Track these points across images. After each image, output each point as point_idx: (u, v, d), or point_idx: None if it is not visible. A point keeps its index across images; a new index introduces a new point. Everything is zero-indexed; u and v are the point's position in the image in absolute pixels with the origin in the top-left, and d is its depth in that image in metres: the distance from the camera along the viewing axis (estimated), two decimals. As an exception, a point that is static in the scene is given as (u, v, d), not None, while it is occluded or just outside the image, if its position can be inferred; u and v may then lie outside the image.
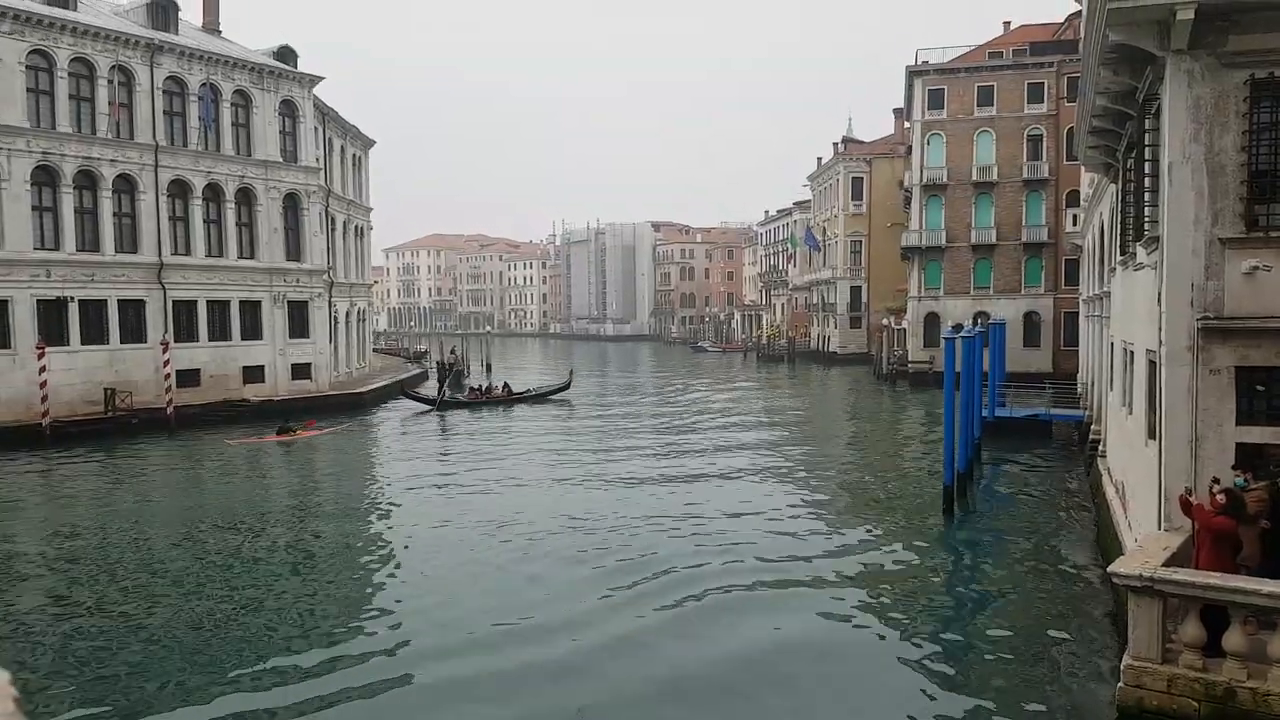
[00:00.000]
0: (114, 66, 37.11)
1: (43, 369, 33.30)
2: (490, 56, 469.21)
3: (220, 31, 45.91)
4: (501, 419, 42.34)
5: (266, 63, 43.39)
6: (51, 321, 35.41)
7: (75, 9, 37.60)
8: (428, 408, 45.13)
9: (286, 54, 45.98)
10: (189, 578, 17.14)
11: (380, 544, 19.76)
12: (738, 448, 32.28)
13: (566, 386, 51.45)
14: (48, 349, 33.79)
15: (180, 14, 42.35)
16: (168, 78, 39.15)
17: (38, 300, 35.01)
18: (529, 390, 50.79)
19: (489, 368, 71.30)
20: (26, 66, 34.80)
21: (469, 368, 69.77)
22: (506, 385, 50.10)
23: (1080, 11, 23.06)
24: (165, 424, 36.02)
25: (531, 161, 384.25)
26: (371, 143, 59.46)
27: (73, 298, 36.02)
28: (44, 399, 33.20)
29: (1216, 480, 10.33)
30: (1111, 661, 11.94)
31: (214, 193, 41.09)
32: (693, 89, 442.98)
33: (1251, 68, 10.69)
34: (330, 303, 47.50)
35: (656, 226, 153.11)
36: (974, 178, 56.31)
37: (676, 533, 19.83)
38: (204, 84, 40.10)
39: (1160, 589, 9.36)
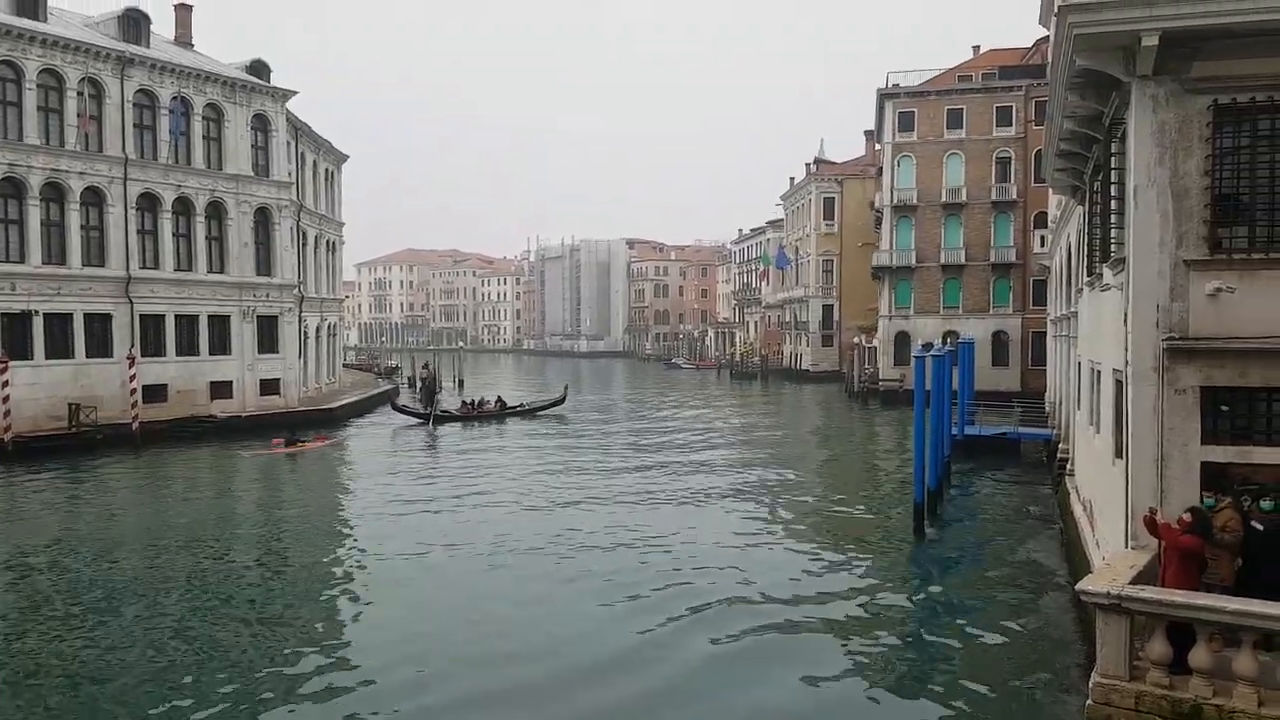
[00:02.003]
0: (84, 79, 36.75)
1: (5, 383, 32.81)
2: (467, 71, 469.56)
3: (193, 45, 45.61)
4: (495, 434, 42.30)
5: (238, 76, 43.17)
6: (15, 335, 34.88)
7: (45, 20, 37.28)
8: (420, 421, 45.39)
9: (259, 68, 45.78)
10: (154, 600, 16.84)
11: (361, 573, 19.14)
12: (712, 466, 32.35)
13: (561, 401, 51.63)
14: (11, 363, 33.33)
15: (152, 27, 42.02)
16: (138, 90, 38.84)
17: (2, 313, 34.51)
18: (522, 405, 50.99)
19: (461, 384, 70.94)
20: (-6, 77, 34.46)
21: (441, 384, 69.46)
22: (500, 399, 50.26)
23: (1048, 37, 23.43)
24: (131, 440, 35.57)
25: (506, 178, 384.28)
26: (345, 157, 59.26)
27: (38, 311, 35.52)
28: (6, 414, 32.72)
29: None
30: (1080, 678, 12.02)
31: (184, 206, 40.75)
32: (666, 109, 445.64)
33: (1214, 93, 10.90)
34: (300, 318, 47.17)
35: (631, 243, 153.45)
36: (943, 199, 57.00)
37: (648, 555, 19.80)
38: (175, 97, 39.81)
39: (1127, 607, 9.44)
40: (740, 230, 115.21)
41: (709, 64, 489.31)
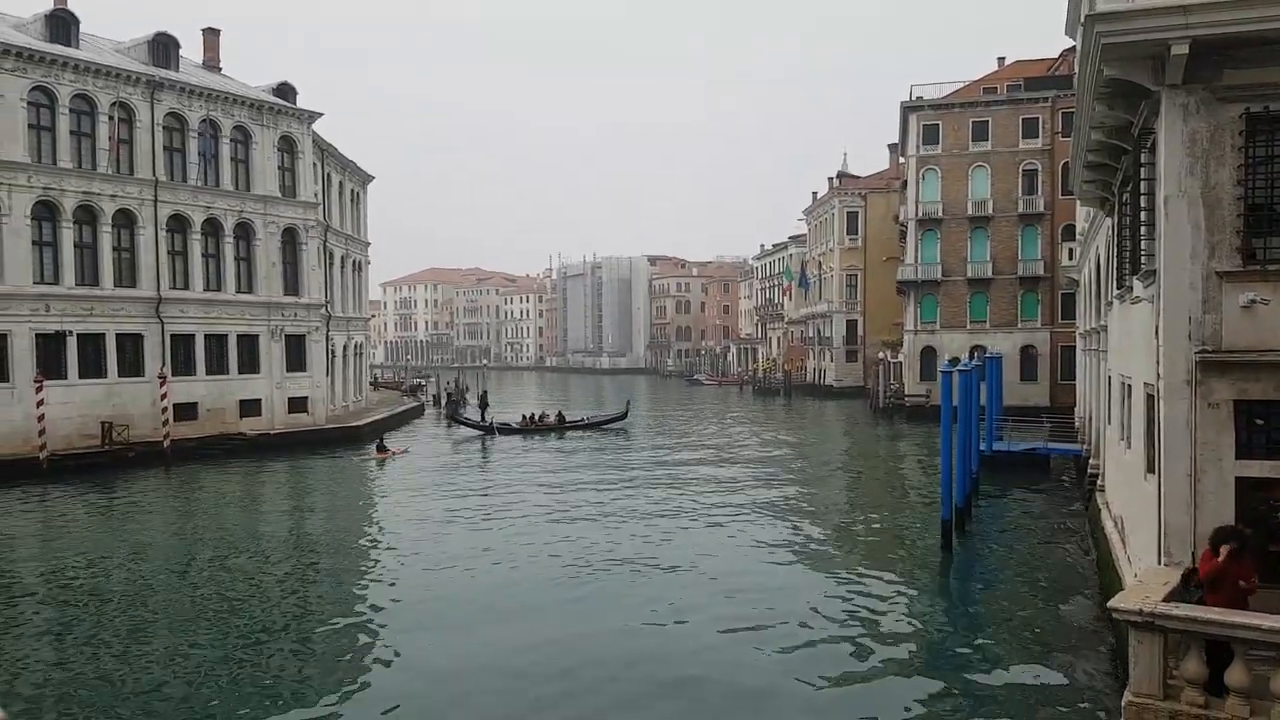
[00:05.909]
0: (115, 103, 37.36)
1: (41, 402, 33.30)
2: (488, 92, 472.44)
3: (221, 68, 46.25)
4: (554, 448, 42.87)
5: (266, 99, 43.70)
6: (50, 355, 35.41)
7: (77, 46, 37.94)
8: (480, 433, 47.34)
9: (286, 90, 46.33)
10: (187, 614, 16.95)
11: (402, 598, 19.26)
12: (738, 483, 32.19)
13: (623, 416, 52.00)
14: (46, 382, 33.82)
15: (181, 51, 42.70)
16: (168, 114, 39.42)
17: (36, 334, 35.03)
18: (582, 419, 51.87)
19: (485, 401, 71.03)
20: (28, 103, 35.06)
21: (467, 399, 69.71)
22: (560, 414, 51.37)
23: (1074, 47, 23.29)
24: (162, 457, 35.99)
25: (529, 196, 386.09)
26: (370, 178, 59.77)
27: (71, 331, 36.03)
28: (41, 432, 33.17)
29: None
30: (1112, 698, 11.84)
31: (213, 227, 41.25)
32: (689, 124, 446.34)
33: (1246, 102, 10.73)
34: (328, 336, 47.54)
35: (653, 260, 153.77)
36: (969, 212, 56.68)
37: (677, 574, 19.75)
38: (204, 120, 40.38)
39: (1161, 624, 9.27)
40: (762, 246, 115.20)
41: (727, 77, 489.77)
